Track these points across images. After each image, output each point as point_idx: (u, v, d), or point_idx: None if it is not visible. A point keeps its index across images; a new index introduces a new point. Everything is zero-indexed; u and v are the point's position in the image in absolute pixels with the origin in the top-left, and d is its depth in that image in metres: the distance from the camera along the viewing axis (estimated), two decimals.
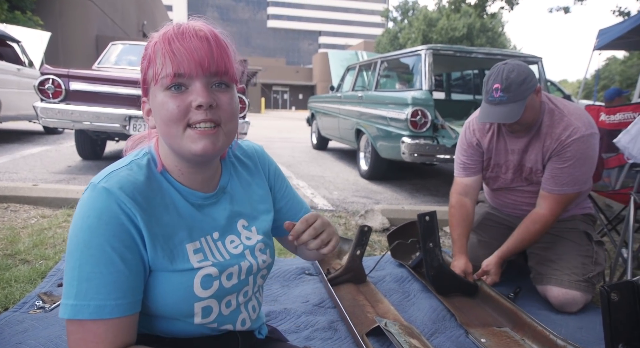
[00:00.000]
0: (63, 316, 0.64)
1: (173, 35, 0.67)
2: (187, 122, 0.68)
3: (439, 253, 1.69)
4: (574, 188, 1.63)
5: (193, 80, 0.67)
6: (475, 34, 28.11)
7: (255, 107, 29.26)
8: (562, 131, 1.61)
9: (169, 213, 0.72)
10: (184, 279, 0.71)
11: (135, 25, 22.77)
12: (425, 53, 3.83)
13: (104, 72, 3.99)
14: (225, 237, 0.79)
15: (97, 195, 0.66)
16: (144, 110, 0.75)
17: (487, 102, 1.62)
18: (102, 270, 0.63)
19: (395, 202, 3.66)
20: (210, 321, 0.75)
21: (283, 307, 1.55)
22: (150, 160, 0.74)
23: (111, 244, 0.64)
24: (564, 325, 1.54)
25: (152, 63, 0.69)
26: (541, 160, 1.68)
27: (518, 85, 1.55)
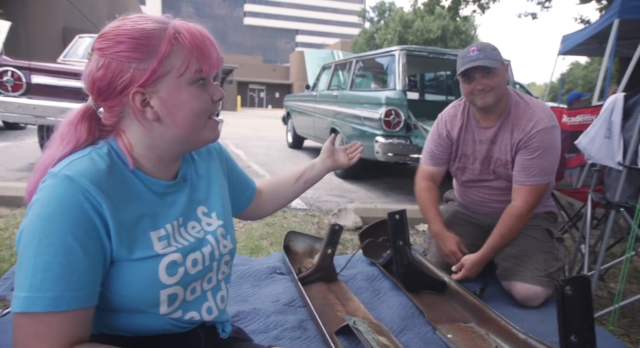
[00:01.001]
0: (14, 310, 0.60)
1: (197, 33, 0.71)
2: (210, 114, 0.75)
3: (408, 251, 1.71)
4: (545, 179, 1.68)
5: (210, 76, 0.74)
6: (449, 36, 28.68)
7: (231, 105, 28.93)
8: (527, 122, 1.68)
9: (133, 201, 0.71)
10: (149, 266, 0.70)
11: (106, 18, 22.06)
12: (399, 53, 3.87)
13: (69, 66, 3.85)
14: (187, 223, 0.80)
15: (58, 183, 0.63)
16: (137, 101, 0.69)
17: (464, 63, 1.68)
18: (62, 259, 0.61)
19: (369, 201, 3.69)
20: (175, 308, 0.74)
21: (252, 307, 1.53)
22: (111, 150, 0.72)
23: (73, 233, 0.62)
24: (526, 319, 1.58)
25: (171, 55, 0.68)
26: (510, 151, 1.73)
27: (492, 49, 1.68)
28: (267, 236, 2.43)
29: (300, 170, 1.16)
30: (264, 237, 2.41)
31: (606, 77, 3.94)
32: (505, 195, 1.81)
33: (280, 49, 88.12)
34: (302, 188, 1.15)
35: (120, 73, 0.68)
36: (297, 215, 2.97)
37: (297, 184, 1.14)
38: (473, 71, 1.66)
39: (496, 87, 1.67)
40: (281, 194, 1.13)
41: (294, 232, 2.18)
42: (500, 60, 1.66)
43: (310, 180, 1.16)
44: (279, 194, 1.12)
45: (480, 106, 1.72)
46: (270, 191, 1.12)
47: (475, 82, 1.68)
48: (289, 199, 1.15)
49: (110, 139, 0.74)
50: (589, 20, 9.80)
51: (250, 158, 5.87)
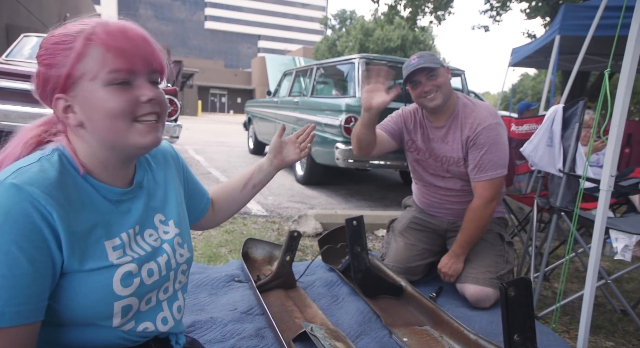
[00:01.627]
0: None
1: (116, 31, 0.67)
2: (134, 116, 0.69)
3: (366, 256, 1.74)
4: (497, 173, 1.77)
5: (137, 76, 0.69)
6: (408, 45, 29.53)
7: (192, 110, 28.32)
8: (473, 120, 1.79)
9: (86, 210, 0.69)
10: (102, 277, 0.68)
11: (56, 16, 21.07)
12: (358, 61, 3.94)
13: (13, 66, 3.63)
14: (144, 231, 0.78)
15: (3, 192, 0.60)
16: (59, 107, 0.70)
17: (407, 71, 1.79)
18: (5, 272, 0.57)
19: (330, 207, 3.72)
20: (128, 319, 0.72)
21: (209, 316, 1.50)
22: (62, 157, 0.69)
23: (18, 244, 0.59)
24: (477, 320, 1.65)
25: (86, 57, 0.66)
26: (461, 149, 1.82)
27: (430, 55, 1.80)
28: (226, 243, 2.40)
29: (248, 174, 1.11)
30: (222, 245, 2.37)
31: (550, 88, 4.20)
32: (461, 197, 1.89)
33: (242, 54, 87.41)
34: (252, 192, 1.11)
35: (46, 80, 0.69)
36: (257, 222, 2.94)
37: (246, 190, 1.10)
38: (417, 75, 1.76)
39: (442, 86, 1.77)
40: (231, 201, 1.10)
41: (253, 239, 2.16)
42: (439, 63, 1.78)
43: (259, 184, 1.11)
44: (229, 202, 1.09)
45: (432, 107, 1.81)
46: (221, 199, 1.09)
47: (421, 85, 1.78)
48: (241, 205, 1.11)
49: (60, 143, 0.72)
50: (535, 35, 10.42)
51: (211, 164, 5.76)
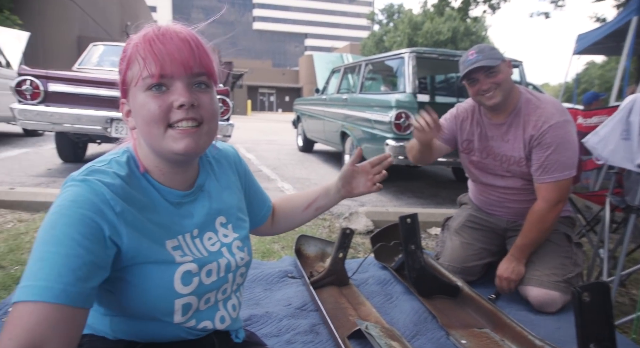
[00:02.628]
0: (13, 299, 0.57)
1: (154, 36, 0.67)
2: (168, 122, 0.69)
3: (420, 255, 1.70)
4: (565, 174, 1.65)
5: (174, 80, 0.68)
6: (459, 37, 28.50)
7: (242, 110, 29.12)
8: (538, 118, 1.68)
9: (148, 211, 0.72)
10: (165, 274, 0.70)
11: (119, 26, 22.48)
12: (408, 56, 3.86)
13: (84, 74, 3.92)
14: (204, 234, 0.79)
15: (76, 186, 0.65)
16: (123, 111, 0.75)
17: (464, 67, 1.70)
18: (60, 250, 0.59)
19: (380, 204, 3.68)
20: (189, 318, 0.75)
21: (265, 311, 1.54)
22: (130, 158, 0.74)
23: (77, 228, 0.61)
24: (542, 326, 1.56)
25: (132, 64, 0.69)
26: (523, 149, 1.72)
27: (490, 49, 1.69)
28: (279, 240, 2.44)
29: (313, 195, 1.07)
30: (275, 241, 2.42)
31: (624, 76, 3.86)
32: (522, 195, 1.79)
33: (290, 53, 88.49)
34: (313, 214, 1.08)
35: (119, 85, 0.74)
36: None
37: (308, 211, 1.07)
38: (475, 72, 1.67)
39: (501, 83, 1.67)
40: (291, 218, 1.08)
41: (305, 236, 2.18)
42: (499, 58, 1.67)
43: (322, 208, 1.07)
44: (288, 217, 1.08)
45: (490, 106, 1.72)
46: (282, 212, 1.08)
47: (479, 83, 1.69)
48: (300, 223, 1.09)
49: (130, 144, 0.77)
50: (605, 19, 9.65)
51: (261, 162, 5.89)
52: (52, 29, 15.40)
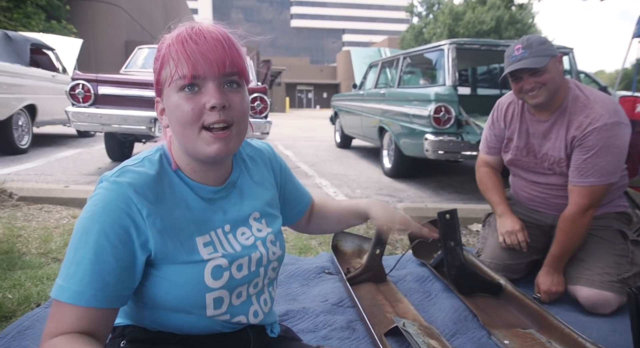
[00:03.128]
0: (51, 293, 0.66)
1: (186, 37, 0.68)
2: (202, 124, 0.69)
3: (460, 251, 1.65)
4: (602, 180, 1.55)
5: (206, 81, 0.68)
6: (503, 26, 27.32)
7: (280, 107, 29.48)
8: (584, 118, 1.56)
9: (179, 207, 0.74)
10: (194, 270, 0.72)
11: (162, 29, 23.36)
12: (448, 48, 3.74)
13: (129, 76, 4.11)
14: (237, 229, 0.81)
15: (107, 188, 0.69)
16: (158, 109, 0.77)
17: (509, 63, 1.60)
18: (91, 257, 0.65)
19: (419, 200, 3.61)
20: (222, 312, 0.76)
21: (302, 306, 1.55)
22: (162, 156, 0.76)
23: (106, 235, 0.66)
24: (595, 328, 1.47)
25: (165, 64, 0.70)
26: (564, 149, 1.62)
27: (539, 43, 1.56)
28: (316, 236, 2.45)
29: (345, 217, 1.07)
30: (312, 237, 2.43)
31: None
32: (566, 191, 1.69)
33: (327, 49, 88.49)
34: (344, 228, 1.15)
35: (154, 84, 0.76)
36: None
37: (339, 225, 1.11)
38: (519, 71, 1.57)
39: (547, 83, 1.56)
40: (325, 224, 1.09)
41: (342, 232, 2.18)
42: (549, 55, 1.54)
43: (352, 225, 1.12)
44: (323, 223, 1.09)
45: (533, 105, 1.63)
46: (318, 216, 1.08)
47: (522, 81, 1.59)
48: (331, 232, 1.14)
49: (164, 142, 0.80)
50: None
51: (299, 158, 5.94)
52: (103, 35, 16.29)
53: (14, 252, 1.97)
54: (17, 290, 1.58)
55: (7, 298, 1.52)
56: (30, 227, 2.36)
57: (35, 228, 2.35)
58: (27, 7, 12.65)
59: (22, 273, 1.73)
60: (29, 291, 1.57)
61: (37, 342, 1.24)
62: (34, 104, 5.12)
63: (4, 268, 1.78)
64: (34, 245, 2.09)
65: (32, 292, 1.56)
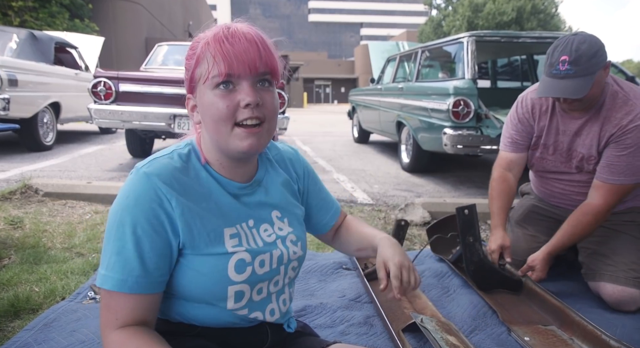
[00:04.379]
0: (97, 283, 0.71)
1: (223, 37, 0.70)
2: (235, 121, 0.72)
3: (479, 247, 1.63)
4: (632, 179, 1.50)
5: (241, 79, 0.71)
6: (525, 16, 26.60)
7: (298, 102, 29.53)
8: (624, 115, 1.48)
9: (206, 200, 0.76)
10: (219, 262, 0.74)
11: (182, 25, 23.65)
12: (467, 40, 3.67)
13: (150, 73, 4.18)
14: (260, 225, 0.82)
15: (138, 179, 0.72)
16: (189, 106, 0.79)
17: (549, 75, 1.47)
18: (130, 247, 0.69)
19: (438, 195, 3.57)
20: (241, 306, 0.78)
21: (319, 302, 1.56)
22: (191, 151, 0.79)
23: (141, 226, 0.69)
24: (619, 325, 1.43)
25: (201, 62, 0.72)
26: (596, 146, 1.56)
27: (588, 58, 1.41)
28: None
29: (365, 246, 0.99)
30: None
31: None
32: (588, 188, 1.64)
33: (345, 43, 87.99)
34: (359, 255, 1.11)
35: (185, 81, 0.77)
36: (363, 210, 2.96)
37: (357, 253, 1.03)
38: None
39: (586, 99, 1.48)
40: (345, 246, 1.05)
41: None
42: (597, 70, 1.42)
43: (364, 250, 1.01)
44: (344, 244, 1.04)
45: (570, 110, 1.57)
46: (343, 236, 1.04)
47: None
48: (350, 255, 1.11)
49: (194, 137, 0.81)
50: None
51: (317, 154, 5.95)
52: (123, 33, 16.58)
53: (40, 247, 2.04)
54: (43, 283, 1.64)
55: (34, 291, 1.58)
56: (55, 222, 2.44)
57: (60, 223, 2.42)
58: (52, 6, 12.94)
59: (47, 268, 1.78)
60: (54, 285, 1.62)
61: (62, 334, 1.28)
62: (58, 101, 5.26)
63: (31, 263, 1.84)
64: (59, 240, 2.16)
65: (57, 286, 1.61)
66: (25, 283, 1.64)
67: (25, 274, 1.71)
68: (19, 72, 4.51)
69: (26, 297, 1.50)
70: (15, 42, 4.99)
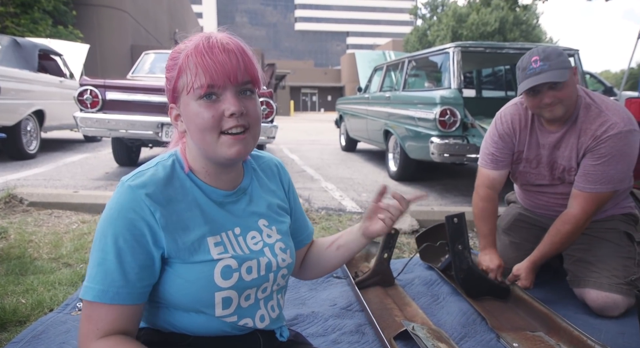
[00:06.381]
0: (80, 295, 0.72)
1: (204, 49, 0.72)
2: (221, 129, 0.74)
3: (468, 255, 1.66)
4: (608, 187, 1.55)
5: (224, 90, 0.73)
6: (508, 27, 27.27)
7: (285, 110, 29.55)
8: (598, 127, 1.54)
9: (191, 209, 0.77)
10: (205, 269, 0.75)
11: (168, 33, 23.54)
12: (453, 51, 3.76)
13: (137, 82, 4.15)
14: (247, 233, 0.83)
15: (123, 192, 0.73)
16: (172, 115, 0.81)
17: (526, 77, 1.53)
18: (111, 258, 0.70)
19: (425, 203, 3.61)
20: (230, 313, 0.78)
21: (311, 311, 1.56)
22: (175, 162, 0.80)
23: (123, 236, 0.71)
24: (603, 330, 1.47)
25: (184, 73, 0.74)
26: (575, 158, 1.61)
27: (557, 55, 1.51)
28: None
29: (338, 234, 1.00)
30: None
31: None
32: None
33: (331, 52, 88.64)
34: (335, 254, 0.98)
35: (166, 91, 0.80)
36: (352, 219, 2.98)
37: (330, 249, 0.99)
38: (541, 85, 1.52)
39: (565, 99, 1.52)
40: (316, 258, 1.01)
41: None
42: (568, 67, 1.50)
43: (344, 246, 0.97)
44: (314, 258, 1.02)
45: (549, 118, 1.60)
46: (310, 253, 1.02)
47: (541, 94, 1.53)
48: (325, 266, 1.00)
49: (177, 148, 0.83)
50: None
51: (305, 162, 5.96)
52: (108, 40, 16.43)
53: (25, 257, 2.00)
54: (30, 295, 1.61)
55: (21, 303, 1.55)
56: (40, 232, 2.39)
57: (46, 233, 2.38)
58: (34, 12, 12.80)
59: (34, 278, 1.75)
60: (41, 296, 1.59)
61: (51, 346, 1.26)
62: (42, 109, 5.18)
63: (17, 274, 1.81)
64: (45, 250, 2.12)
65: (44, 297, 1.59)
66: (11, 294, 1.61)
67: (11, 285, 1.68)
68: (1, 80, 4.43)
69: (13, 309, 1.47)
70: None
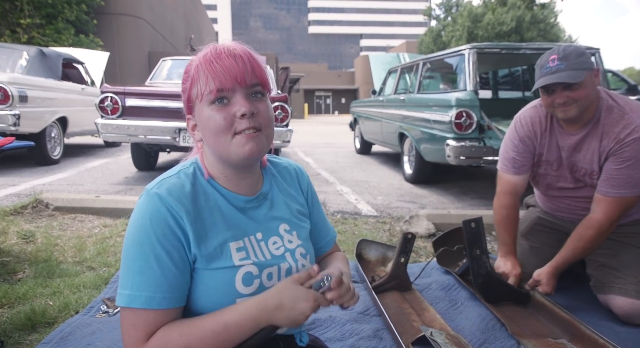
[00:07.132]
0: (119, 304, 0.73)
1: (211, 57, 0.76)
2: (234, 131, 0.76)
3: (486, 260, 1.64)
4: (633, 192, 1.52)
5: (234, 93, 0.76)
6: (525, 26, 26.80)
7: (299, 113, 29.68)
8: (621, 130, 1.51)
9: (213, 215, 0.79)
10: (226, 275, 0.77)
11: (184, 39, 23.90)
12: (469, 52, 3.73)
13: (155, 88, 4.24)
14: (269, 238, 0.85)
15: (150, 200, 0.75)
16: (189, 126, 0.84)
17: (541, 75, 1.52)
18: (153, 265, 0.72)
19: (441, 206, 3.59)
20: None
21: (328, 315, 1.57)
22: (196, 169, 0.82)
23: (161, 243, 0.73)
24: (631, 339, 1.44)
25: (195, 83, 0.78)
26: (597, 161, 1.58)
27: (577, 56, 1.47)
28: (339, 244, 2.47)
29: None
30: None
31: None
32: None
33: (345, 54, 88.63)
34: None
35: (183, 103, 0.83)
36: (367, 222, 2.98)
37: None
38: (553, 84, 1.50)
39: (580, 100, 1.49)
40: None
41: (366, 240, 2.19)
42: (586, 68, 1.47)
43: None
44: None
45: (562, 118, 1.58)
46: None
47: (555, 94, 1.51)
48: None
49: (197, 156, 0.85)
50: None
51: (319, 165, 5.98)
52: (127, 47, 16.77)
53: (52, 261, 2.06)
54: (57, 297, 1.66)
55: (49, 305, 1.60)
56: (65, 236, 2.46)
57: (70, 237, 2.45)
58: (58, 23, 13.20)
59: (60, 281, 1.81)
60: (67, 298, 1.64)
61: (76, 347, 1.30)
62: (65, 116, 5.33)
63: (45, 276, 1.87)
64: (70, 254, 2.18)
65: (71, 300, 1.64)
66: (40, 297, 1.67)
67: (39, 288, 1.74)
68: (29, 89, 4.58)
69: (42, 311, 1.52)
70: (26, 59, 5.08)
